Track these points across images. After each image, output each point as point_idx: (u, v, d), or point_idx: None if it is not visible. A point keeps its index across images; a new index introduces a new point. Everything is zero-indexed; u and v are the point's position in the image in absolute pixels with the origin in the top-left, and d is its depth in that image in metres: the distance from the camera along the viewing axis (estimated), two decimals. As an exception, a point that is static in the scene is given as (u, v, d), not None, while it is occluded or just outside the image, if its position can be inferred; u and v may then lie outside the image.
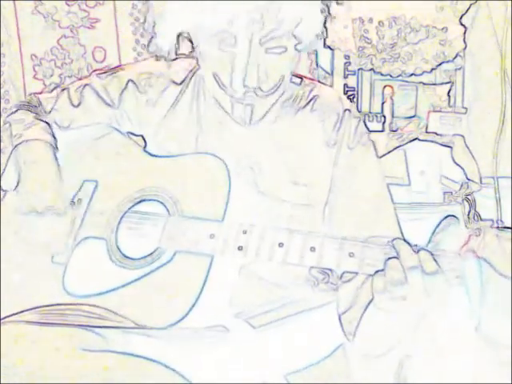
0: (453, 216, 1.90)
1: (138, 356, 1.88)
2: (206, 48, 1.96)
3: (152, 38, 2.03)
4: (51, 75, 2.39)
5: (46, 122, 2.08)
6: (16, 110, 2.12)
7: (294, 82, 2.07)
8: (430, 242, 1.86)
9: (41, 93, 2.22)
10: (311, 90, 2.11)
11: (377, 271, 1.83)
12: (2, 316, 1.95)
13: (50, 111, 2.11)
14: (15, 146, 2.03)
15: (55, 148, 2.06)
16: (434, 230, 1.86)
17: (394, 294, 1.80)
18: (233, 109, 2.01)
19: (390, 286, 1.80)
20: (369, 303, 1.91)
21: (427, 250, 1.82)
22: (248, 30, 1.91)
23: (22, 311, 1.95)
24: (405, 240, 1.87)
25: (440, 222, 1.87)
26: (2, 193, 2.07)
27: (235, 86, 1.95)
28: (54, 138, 2.07)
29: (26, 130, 2.05)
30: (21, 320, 1.93)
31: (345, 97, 2.18)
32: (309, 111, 2.08)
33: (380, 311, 1.85)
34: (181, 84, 2.09)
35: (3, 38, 2.35)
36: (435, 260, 1.80)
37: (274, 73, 1.96)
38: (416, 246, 1.84)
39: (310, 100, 2.09)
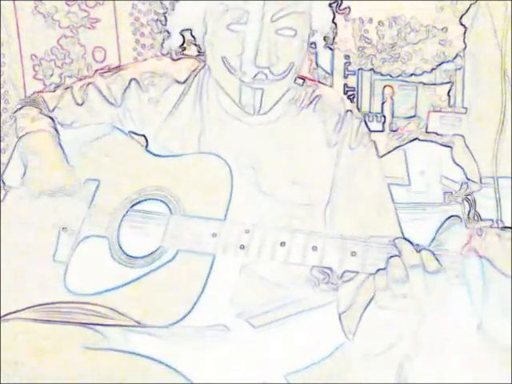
0: (456, 216, 1.90)
1: (139, 355, 1.88)
2: (214, 30, 1.97)
3: (164, 39, 2.03)
4: (51, 75, 2.39)
5: (51, 118, 2.09)
6: (21, 107, 2.13)
7: (296, 83, 2.08)
8: (433, 240, 1.86)
9: (39, 92, 2.22)
10: (313, 91, 2.11)
11: (378, 269, 1.83)
12: (3, 314, 1.95)
13: (54, 109, 2.12)
14: (20, 138, 2.04)
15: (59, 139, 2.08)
16: (438, 230, 1.87)
17: (395, 292, 1.80)
18: (241, 95, 2.00)
19: (392, 283, 1.80)
20: (369, 302, 1.91)
21: (429, 250, 1.82)
22: (261, 6, 1.91)
23: (23, 309, 1.95)
24: (406, 239, 1.88)
25: (444, 222, 1.88)
26: (3, 192, 2.08)
27: (245, 67, 1.95)
28: (58, 133, 2.08)
29: (31, 123, 2.07)
30: (21, 318, 1.93)
31: (346, 98, 2.18)
32: (311, 112, 2.09)
33: (381, 309, 1.85)
34: (184, 83, 2.09)
35: (3, 38, 2.34)
36: (437, 259, 1.80)
37: (284, 57, 1.96)
38: (418, 245, 1.84)
39: (312, 100, 2.10)
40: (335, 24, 2.04)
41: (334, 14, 2.03)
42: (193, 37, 2.03)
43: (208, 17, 1.98)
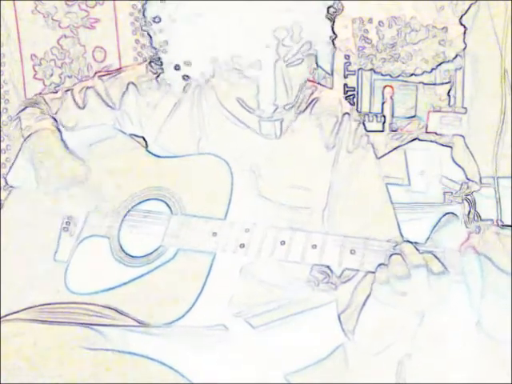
0: (452, 213, 1.91)
1: (138, 355, 1.88)
2: (226, 76, 1.95)
3: (160, 74, 2.02)
4: (51, 75, 2.38)
5: (54, 119, 2.10)
6: (25, 108, 2.14)
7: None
8: (428, 239, 1.87)
9: (41, 93, 2.22)
10: (311, 93, 2.11)
11: (380, 264, 1.83)
12: (3, 314, 1.95)
13: (56, 112, 2.12)
14: (26, 137, 2.05)
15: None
16: (434, 227, 1.87)
17: (395, 288, 1.80)
18: (261, 127, 2.00)
19: (393, 279, 1.80)
20: (366, 300, 1.91)
21: (430, 252, 1.82)
22: (275, 54, 1.89)
23: (23, 309, 1.95)
24: (408, 240, 1.88)
25: (439, 219, 1.88)
26: (5, 191, 2.08)
27: (264, 106, 1.95)
28: (60, 132, 2.08)
29: (36, 122, 2.07)
30: (21, 318, 1.93)
31: (345, 100, 2.18)
32: (308, 114, 2.09)
33: (379, 304, 1.85)
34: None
35: (3, 38, 2.34)
36: (441, 262, 1.81)
37: (295, 83, 1.95)
38: (417, 243, 1.85)
39: (310, 103, 2.10)
40: (334, 34, 2.03)
41: (333, 22, 2.02)
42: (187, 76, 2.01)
43: (217, 66, 1.94)
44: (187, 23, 1.92)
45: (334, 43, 2.01)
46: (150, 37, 1.99)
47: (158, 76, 2.04)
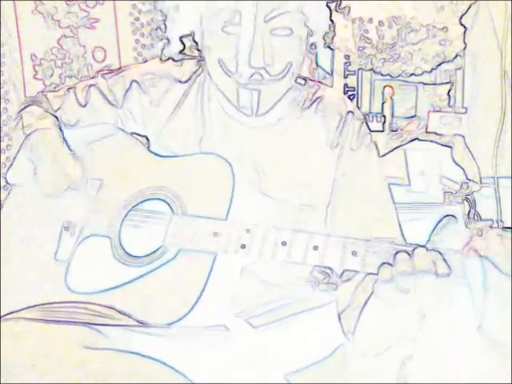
0: (451, 216, 1.91)
1: (139, 355, 1.88)
2: (210, 33, 1.98)
3: (164, 46, 2.04)
4: (51, 75, 2.38)
5: (55, 117, 2.10)
6: (27, 106, 2.14)
7: (298, 83, 2.08)
8: (428, 241, 1.87)
9: (43, 92, 2.22)
10: (315, 92, 2.12)
11: (384, 263, 1.84)
12: (3, 313, 1.95)
13: (58, 110, 2.13)
14: (28, 135, 2.05)
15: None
16: (433, 230, 1.87)
17: (398, 285, 1.80)
18: (238, 97, 2.01)
19: (397, 276, 1.80)
20: (367, 300, 1.92)
21: (438, 251, 1.83)
22: (253, 6, 1.92)
23: (23, 309, 1.95)
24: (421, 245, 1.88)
25: (439, 222, 1.88)
26: (5, 191, 2.08)
27: (241, 68, 1.96)
28: (62, 131, 2.09)
29: (39, 121, 2.07)
30: (22, 318, 1.93)
31: (348, 99, 2.18)
32: (312, 113, 2.09)
33: (380, 305, 1.85)
34: (185, 83, 2.09)
35: (3, 38, 2.34)
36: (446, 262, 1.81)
37: (280, 57, 1.97)
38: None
39: (314, 102, 2.10)
40: (332, 21, 2.04)
41: (330, 11, 2.03)
42: (195, 42, 2.04)
43: (204, 21, 1.99)
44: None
45: (332, 22, 2.03)
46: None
47: (163, 49, 2.06)
